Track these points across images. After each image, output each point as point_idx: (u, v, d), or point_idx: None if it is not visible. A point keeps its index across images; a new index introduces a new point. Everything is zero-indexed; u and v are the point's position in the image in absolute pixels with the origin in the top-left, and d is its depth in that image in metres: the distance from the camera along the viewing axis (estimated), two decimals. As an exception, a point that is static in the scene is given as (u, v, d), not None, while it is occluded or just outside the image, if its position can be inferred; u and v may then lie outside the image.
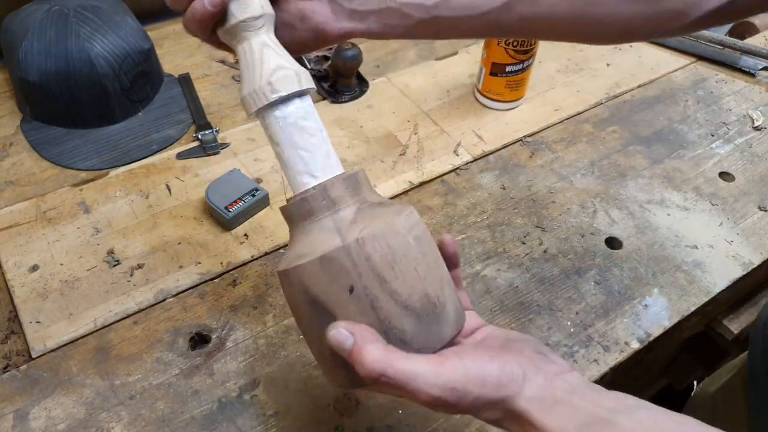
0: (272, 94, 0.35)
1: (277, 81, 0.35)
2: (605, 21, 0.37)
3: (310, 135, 0.36)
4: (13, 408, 0.45)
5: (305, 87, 0.36)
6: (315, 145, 0.36)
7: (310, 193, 0.35)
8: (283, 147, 0.36)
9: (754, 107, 0.75)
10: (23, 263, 0.55)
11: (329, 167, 0.36)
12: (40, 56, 0.63)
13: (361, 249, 0.32)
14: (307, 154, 0.36)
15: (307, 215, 0.35)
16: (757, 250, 0.59)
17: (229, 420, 0.45)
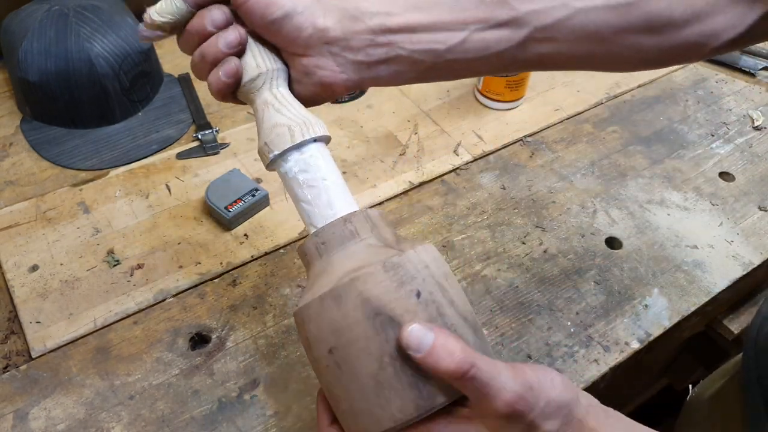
0: (270, 154, 0.37)
1: (272, 141, 0.36)
2: (623, 54, 0.37)
3: (311, 187, 0.36)
4: (12, 408, 0.45)
5: (300, 140, 0.36)
6: (314, 196, 0.36)
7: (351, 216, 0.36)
8: (292, 200, 0.38)
9: (755, 107, 0.75)
10: (23, 263, 0.55)
11: (330, 217, 0.36)
12: (39, 56, 0.63)
13: (419, 257, 0.33)
14: (307, 206, 0.37)
15: (349, 236, 0.35)
16: (757, 250, 0.59)
17: (229, 420, 0.45)
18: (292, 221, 0.59)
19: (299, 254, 0.37)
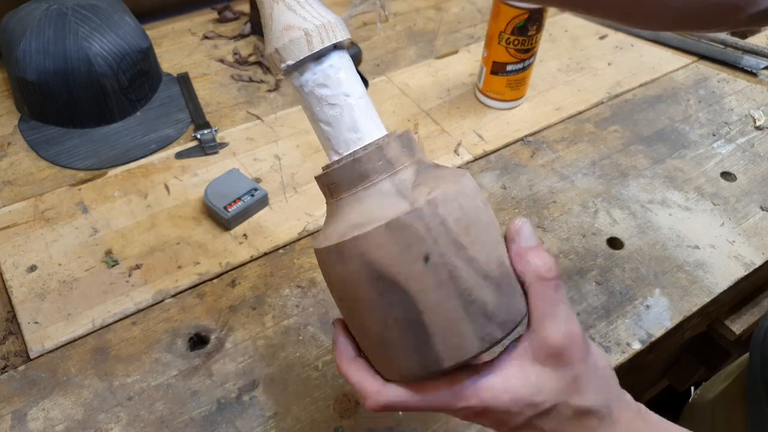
0: (282, 64, 0.31)
1: (284, 48, 0.31)
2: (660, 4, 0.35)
3: (331, 105, 0.32)
4: (11, 409, 0.45)
5: (319, 48, 0.31)
6: (335, 117, 0.32)
7: (361, 153, 0.31)
8: (309, 119, 0.33)
9: (756, 107, 0.75)
10: (21, 263, 0.55)
11: (353, 142, 0.32)
12: (38, 55, 0.63)
13: (435, 212, 0.29)
14: (328, 128, 0.32)
15: (359, 179, 0.31)
16: (759, 251, 0.58)
17: (228, 421, 0.45)
18: (291, 221, 0.59)
19: (339, 171, 0.32)
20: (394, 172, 0.31)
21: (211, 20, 0.84)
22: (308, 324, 0.51)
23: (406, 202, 0.29)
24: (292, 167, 0.64)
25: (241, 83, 0.75)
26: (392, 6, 0.89)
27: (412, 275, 0.29)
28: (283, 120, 0.70)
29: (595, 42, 0.84)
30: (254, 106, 0.72)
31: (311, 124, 0.33)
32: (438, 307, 0.29)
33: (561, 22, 0.88)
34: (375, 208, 0.30)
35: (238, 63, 0.78)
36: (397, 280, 0.29)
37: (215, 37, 0.82)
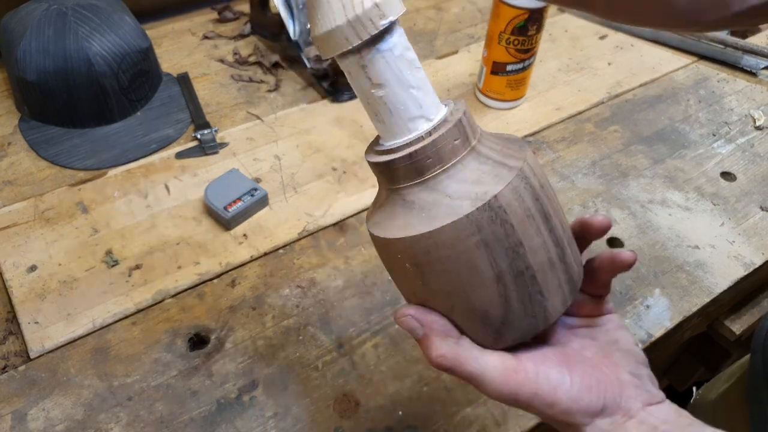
0: (381, 21, 0.27)
1: (384, 3, 0.27)
2: None
3: (417, 68, 0.30)
4: (11, 409, 0.45)
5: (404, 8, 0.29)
6: (424, 80, 0.30)
7: (418, 146, 0.29)
8: (392, 88, 0.29)
9: (756, 107, 0.75)
10: (21, 263, 0.55)
11: (438, 106, 0.30)
12: (38, 55, 0.63)
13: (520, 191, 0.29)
14: (419, 92, 0.29)
15: (415, 173, 0.29)
16: (759, 251, 0.58)
17: (228, 421, 0.45)
18: (291, 221, 0.59)
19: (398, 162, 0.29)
20: (446, 167, 0.30)
21: (211, 20, 0.84)
22: (308, 324, 0.51)
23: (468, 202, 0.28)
24: (292, 167, 0.64)
25: (241, 83, 0.75)
26: (392, 6, 0.89)
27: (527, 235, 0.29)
28: (283, 120, 0.70)
29: (595, 42, 0.84)
30: (254, 106, 0.72)
31: (390, 96, 0.29)
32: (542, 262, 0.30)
33: (561, 22, 0.88)
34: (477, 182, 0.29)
35: (238, 63, 0.78)
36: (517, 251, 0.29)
37: (215, 37, 0.82)
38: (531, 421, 0.46)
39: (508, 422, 0.46)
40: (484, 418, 0.46)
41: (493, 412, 0.46)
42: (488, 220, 0.28)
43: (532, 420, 0.46)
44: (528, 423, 0.46)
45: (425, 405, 0.46)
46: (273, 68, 0.77)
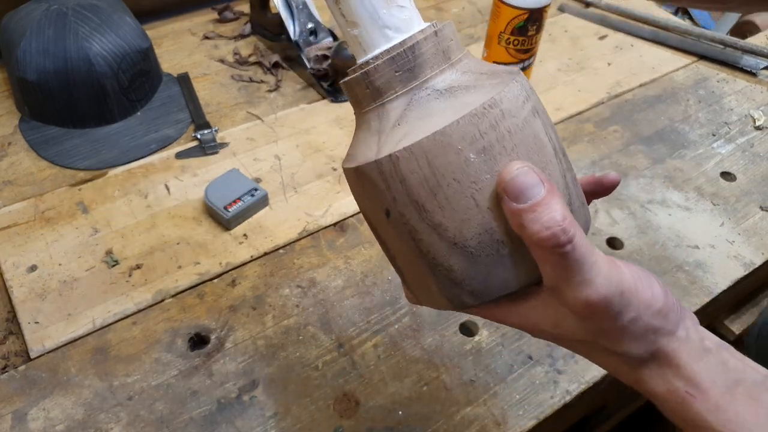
0: None
1: None
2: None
3: (400, 7, 0.27)
4: (11, 409, 0.45)
5: None
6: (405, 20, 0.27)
7: (352, 77, 0.28)
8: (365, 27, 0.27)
9: (756, 107, 0.75)
10: (21, 263, 0.55)
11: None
12: (38, 55, 0.63)
13: (395, 168, 0.25)
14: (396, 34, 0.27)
15: (355, 102, 0.29)
16: (758, 251, 0.58)
17: (228, 421, 0.45)
18: (291, 221, 0.59)
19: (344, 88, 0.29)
20: (382, 103, 0.27)
21: (211, 20, 0.84)
22: (308, 324, 0.51)
23: (376, 148, 0.26)
24: (292, 167, 0.65)
25: (241, 83, 0.75)
26: (392, 6, 0.89)
27: (379, 223, 0.28)
28: (283, 120, 0.70)
29: (595, 42, 0.84)
30: (254, 106, 0.72)
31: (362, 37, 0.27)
32: (405, 257, 0.28)
33: (561, 22, 0.88)
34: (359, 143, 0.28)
35: (239, 63, 0.78)
36: (371, 223, 0.29)
37: (215, 37, 0.82)
38: (531, 421, 0.46)
39: (507, 422, 0.46)
40: (483, 418, 0.46)
41: (493, 412, 0.46)
42: None
43: (531, 420, 0.46)
44: (528, 423, 0.46)
45: (425, 405, 0.46)
46: (273, 68, 0.77)
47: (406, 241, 0.27)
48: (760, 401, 0.26)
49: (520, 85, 0.27)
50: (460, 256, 0.26)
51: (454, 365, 0.49)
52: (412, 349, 0.50)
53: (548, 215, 0.24)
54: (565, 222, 0.24)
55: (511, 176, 0.25)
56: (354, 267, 0.55)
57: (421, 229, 0.26)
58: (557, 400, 0.47)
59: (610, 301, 0.25)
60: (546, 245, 0.24)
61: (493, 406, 0.46)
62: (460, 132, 0.25)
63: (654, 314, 0.26)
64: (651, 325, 0.26)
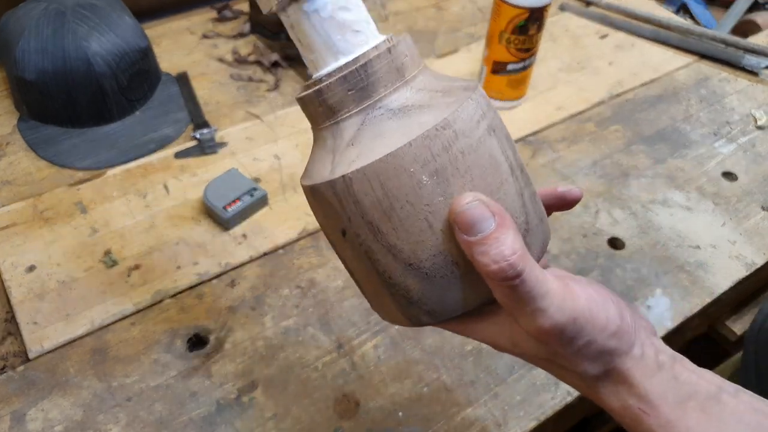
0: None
1: None
2: None
3: (355, 32, 0.27)
4: (9, 409, 0.45)
5: None
6: (359, 45, 0.27)
7: (305, 94, 0.27)
8: (319, 53, 0.27)
9: (758, 106, 0.75)
10: (20, 263, 0.54)
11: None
12: (36, 55, 0.62)
13: (348, 190, 0.25)
14: (343, 57, 0.27)
15: (311, 119, 0.29)
16: (760, 251, 0.58)
17: (228, 422, 0.45)
18: (291, 221, 0.59)
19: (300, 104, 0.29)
20: (336, 122, 0.27)
21: (210, 19, 0.84)
22: (308, 324, 0.51)
23: (330, 167, 0.26)
24: (292, 167, 0.64)
25: (240, 83, 0.75)
26: (392, 5, 0.89)
27: (337, 241, 0.28)
28: (283, 119, 0.70)
29: (596, 41, 0.84)
30: (253, 106, 0.72)
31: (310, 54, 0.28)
32: (362, 275, 0.28)
33: (562, 21, 0.88)
34: (316, 160, 0.28)
35: (238, 62, 0.77)
36: (329, 239, 0.29)
37: (214, 36, 0.81)
38: (531, 422, 0.46)
39: (508, 423, 0.45)
40: (484, 419, 0.46)
41: (494, 413, 0.46)
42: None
43: (532, 421, 0.46)
44: (529, 424, 0.45)
45: (425, 406, 0.46)
46: (272, 67, 0.76)
47: (362, 261, 0.27)
48: (710, 414, 0.26)
49: (475, 104, 0.27)
50: (415, 277, 0.26)
51: (455, 366, 0.48)
52: (412, 349, 0.49)
53: (496, 249, 0.25)
54: (514, 257, 0.25)
55: (461, 209, 0.25)
56: (354, 267, 0.55)
57: (377, 250, 0.26)
58: (558, 401, 0.47)
59: (563, 329, 0.26)
60: (494, 278, 0.25)
61: (493, 407, 0.46)
62: (412, 154, 0.25)
63: (608, 336, 0.27)
64: (606, 347, 0.27)
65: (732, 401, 0.27)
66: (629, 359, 0.27)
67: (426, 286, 0.27)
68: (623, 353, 0.27)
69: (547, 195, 0.33)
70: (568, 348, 0.26)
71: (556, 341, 0.26)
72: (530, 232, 0.28)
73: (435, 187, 0.25)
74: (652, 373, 0.27)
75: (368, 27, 0.28)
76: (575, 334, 0.26)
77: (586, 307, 0.26)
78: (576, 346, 0.26)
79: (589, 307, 0.26)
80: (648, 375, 0.27)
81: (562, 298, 0.26)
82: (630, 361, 0.27)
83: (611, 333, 0.27)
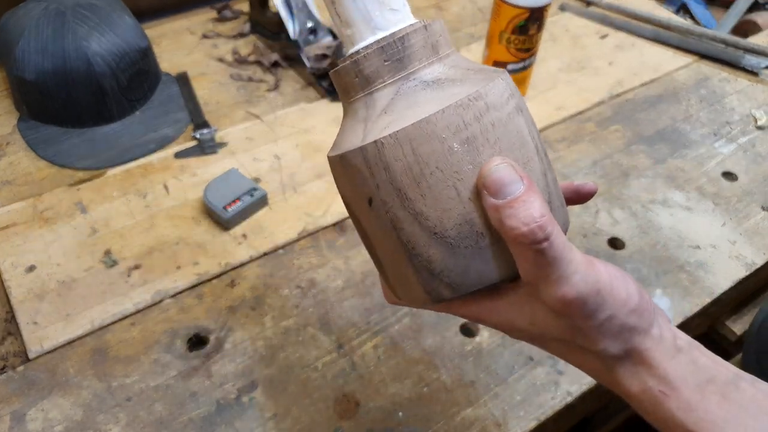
0: None
1: None
2: None
3: (393, 10, 0.28)
4: (9, 409, 0.45)
5: None
6: (397, 22, 0.28)
7: (342, 66, 0.28)
8: (354, 25, 0.28)
9: (758, 106, 0.75)
10: (20, 263, 0.54)
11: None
12: (36, 55, 0.62)
13: (380, 155, 0.26)
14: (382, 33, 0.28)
15: (344, 92, 0.29)
16: (760, 251, 0.58)
17: (228, 422, 0.45)
18: (291, 221, 0.59)
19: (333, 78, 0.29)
20: (370, 92, 0.28)
21: (210, 19, 0.84)
22: (308, 324, 0.51)
23: (362, 135, 0.27)
24: (292, 167, 0.64)
25: (240, 83, 0.75)
26: (392, 5, 0.89)
27: (362, 213, 0.28)
28: (283, 119, 0.70)
29: (596, 41, 0.84)
30: (253, 106, 0.72)
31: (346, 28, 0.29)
32: (385, 247, 0.28)
33: (562, 21, 0.88)
34: (347, 131, 0.28)
35: (238, 62, 0.77)
36: (354, 214, 0.29)
37: (214, 36, 0.81)
38: (531, 422, 0.46)
39: (508, 423, 0.45)
40: (484, 419, 0.46)
41: (494, 413, 0.46)
42: None
43: (532, 421, 0.46)
44: (529, 424, 0.45)
45: (425, 406, 0.46)
46: (272, 67, 0.76)
47: (387, 231, 0.27)
48: (730, 399, 0.26)
49: (505, 83, 0.28)
50: (439, 247, 0.27)
51: (455, 366, 0.48)
52: (412, 350, 0.49)
53: (526, 212, 0.25)
54: (543, 219, 0.25)
55: (490, 171, 0.25)
56: (354, 267, 0.55)
57: (403, 218, 0.26)
58: (558, 401, 0.47)
59: (586, 299, 0.25)
60: (523, 241, 0.25)
61: (493, 407, 0.46)
62: (445, 121, 0.26)
63: (629, 313, 0.26)
64: (626, 323, 0.26)
65: (750, 389, 0.26)
66: (649, 339, 0.27)
67: (449, 257, 0.27)
68: (643, 331, 0.27)
69: (563, 188, 0.34)
70: (589, 321, 0.26)
71: (578, 313, 0.26)
72: (553, 212, 0.28)
73: (465, 155, 0.26)
74: (672, 355, 0.27)
75: (405, 8, 0.29)
76: (597, 306, 0.26)
77: (608, 281, 0.26)
78: (598, 320, 0.26)
79: (610, 281, 0.26)
80: (668, 356, 0.27)
81: (585, 268, 0.25)
82: (650, 341, 0.27)
83: (632, 309, 0.26)
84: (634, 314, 0.27)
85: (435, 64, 0.28)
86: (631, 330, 0.27)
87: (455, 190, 0.26)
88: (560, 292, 0.25)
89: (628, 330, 0.27)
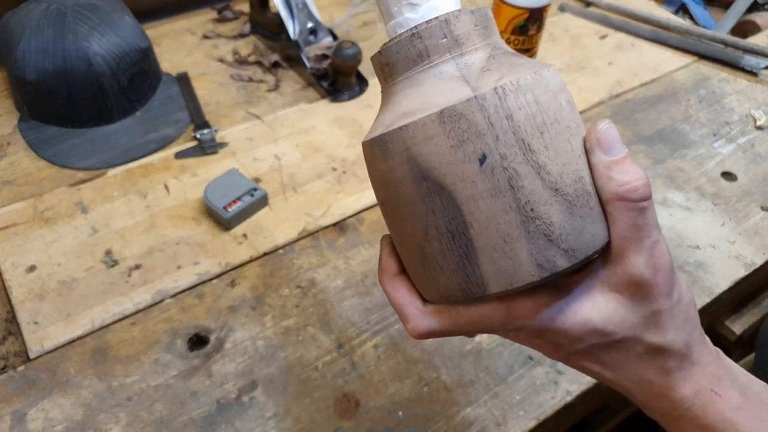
0: None
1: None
2: None
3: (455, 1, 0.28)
4: (10, 409, 0.45)
5: None
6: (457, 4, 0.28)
7: (423, 27, 0.26)
8: None
9: (757, 106, 0.75)
10: (20, 263, 0.54)
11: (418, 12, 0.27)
12: (37, 55, 0.62)
13: (501, 103, 0.24)
14: None
15: (417, 59, 0.27)
16: (759, 251, 0.58)
17: (228, 422, 0.45)
18: (291, 221, 0.59)
19: (395, 48, 0.27)
20: (461, 53, 0.26)
21: (210, 20, 0.84)
22: (308, 324, 0.51)
23: (468, 88, 0.25)
24: (292, 167, 0.64)
25: (240, 83, 0.75)
26: (392, 5, 0.89)
27: (462, 178, 0.25)
28: (283, 120, 0.70)
29: (596, 42, 0.84)
30: (254, 106, 0.72)
31: None
32: (489, 219, 0.25)
33: (561, 21, 0.88)
34: (431, 93, 0.26)
35: (238, 63, 0.78)
36: (444, 182, 0.25)
37: (215, 36, 0.82)
38: (531, 422, 0.46)
39: (508, 423, 0.46)
40: (484, 419, 0.46)
41: (494, 413, 0.46)
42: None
43: (532, 420, 0.46)
44: (528, 424, 0.46)
45: (425, 405, 0.46)
46: (273, 68, 0.77)
47: (500, 194, 0.24)
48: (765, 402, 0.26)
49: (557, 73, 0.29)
50: (559, 206, 0.25)
51: (455, 366, 0.49)
52: (412, 349, 0.49)
53: (635, 168, 0.26)
54: (646, 180, 0.25)
55: (604, 129, 0.26)
56: (354, 267, 0.55)
57: (524, 173, 0.24)
58: (558, 401, 0.47)
59: (667, 274, 0.26)
60: (632, 197, 0.25)
61: (493, 407, 0.46)
62: (554, 79, 0.26)
63: (689, 302, 0.27)
64: (688, 312, 0.27)
65: None
66: (700, 336, 0.27)
67: (567, 218, 0.25)
68: (698, 327, 0.27)
69: None
70: (668, 300, 0.26)
71: (663, 286, 0.25)
72: None
73: (570, 113, 0.26)
74: (714, 356, 0.27)
75: None
76: (671, 285, 0.26)
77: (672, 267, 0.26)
78: (673, 300, 0.26)
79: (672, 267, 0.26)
80: (713, 356, 0.27)
81: (663, 246, 0.26)
82: (701, 339, 0.27)
83: (690, 299, 0.27)
84: (692, 305, 0.27)
85: (502, 44, 0.28)
86: (692, 322, 0.27)
87: (570, 145, 0.26)
88: (653, 258, 0.25)
89: (690, 321, 0.27)
